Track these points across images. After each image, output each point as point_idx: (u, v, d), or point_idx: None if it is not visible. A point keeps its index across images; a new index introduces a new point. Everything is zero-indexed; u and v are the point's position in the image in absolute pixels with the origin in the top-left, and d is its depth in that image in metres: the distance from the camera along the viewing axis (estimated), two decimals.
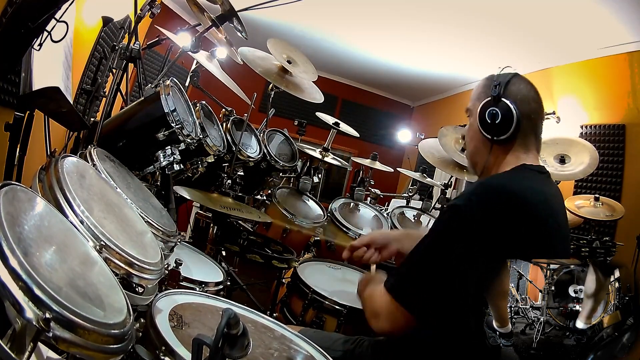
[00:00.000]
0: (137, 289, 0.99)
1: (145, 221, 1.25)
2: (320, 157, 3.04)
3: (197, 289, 1.56)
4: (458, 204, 1.11)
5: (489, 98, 1.23)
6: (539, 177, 1.22)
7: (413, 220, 3.04)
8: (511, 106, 1.19)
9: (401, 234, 1.55)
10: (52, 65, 1.57)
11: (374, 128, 7.31)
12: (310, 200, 2.94)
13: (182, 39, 2.24)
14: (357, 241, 1.54)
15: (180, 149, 1.73)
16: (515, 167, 1.21)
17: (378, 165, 3.43)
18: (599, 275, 2.87)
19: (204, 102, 2.24)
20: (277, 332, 1.24)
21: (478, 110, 1.25)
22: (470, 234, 1.07)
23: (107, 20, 2.16)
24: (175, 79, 1.88)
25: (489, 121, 1.22)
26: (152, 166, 1.70)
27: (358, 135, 3.70)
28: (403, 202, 3.47)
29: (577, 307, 3.07)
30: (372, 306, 1.19)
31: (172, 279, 1.36)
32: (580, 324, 2.93)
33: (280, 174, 2.89)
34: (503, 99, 1.21)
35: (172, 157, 1.69)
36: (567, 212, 3.01)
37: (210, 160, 2.05)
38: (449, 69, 5.72)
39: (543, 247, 1.17)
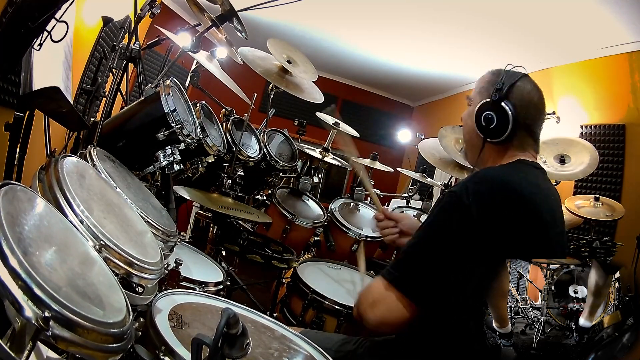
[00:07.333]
0: (136, 289, 0.99)
1: (145, 221, 1.25)
2: (320, 157, 3.04)
3: (197, 289, 1.56)
4: (454, 191, 1.12)
5: (489, 99, 1.23)
6: (535, 171, 1.23)
7: None
8: (509, 112, 1.18)
9: None
10: (52, 65, 1.57)
11: (374, 128, 7.30)
12: (310, 200, 2.94)
13: (182, 39, 2.24)
14: (389, 213, 1.55)
15: (180, 149, 1.73)
16: (511, 161, 1.22)
17: (378, 165, 3.43)
18: (600, 273, 2.87)
19: (204, 102, 2.24)
20: (277, 332, 1.24)
21: (476, 108, 1.25)
22: (465, 222, 1.07)
23: (107, 20, 2.16)
24: (175, 79, 1.88)
25: (484, 124, 1.22)
26: (152, 166, 1.70)
27: (358, 135, 3.70)
28: (403, 202, 3.47)
29: (577, 307, 3.07)
30: (369, 296, 1.16)
31: (172, 279, 1.36)
32: (583, 321, 2.93)
33: (280, 174, 2.89)
34: (502, 104, 1.19)
35: (172, 157, 1.69)
36: (567, 212, 3.04)
37: (210, 160, 2.05)
38: (449, 69, 5.72)
39: (539, 239, 1.17)
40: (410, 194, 3.66)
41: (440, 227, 1.12)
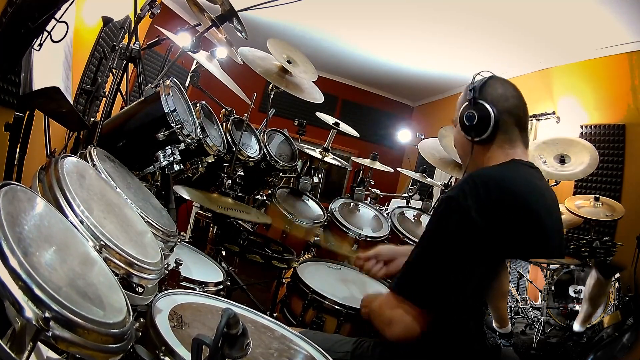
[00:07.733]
0: (137, 289, 0.99)
1: (145, 221, 1.25)
2: (320, 157, 3.04)
3: (197, 289, 1.56)
4: (451, 195, 1.14)
5: (466, 103, 1.28)
6: (529, 171, 1.25)
7: (413, 221, 3.04)
8: (487, 105, 1.23)
9: (408, 248, 1.58)
10: (52, 65, 1.57)
11: (374, 128, 7.31)
12: (310, 200, 2.94)
13: (182, 39, 2.24)
14: (364, 255, 1.59)
15: (180, 149, 1.73)
16: (505, 161, 1.24)
17: (378, 165, 3.43)
18: (599, 278, 2.86)
19: (204, 102, 2.24)
20: (277, 332, 1.24)
21: (458, 115, 1.30)
22: (465, 224, 1.08)
23: (107, 20, 2.16)
24: (175, 79, 1.88)
25: (467, 124, 1.26)
26: (152, 166, 1.70)
27: (358, 135, 3.70)
28: (403, 202, 3.46)
29: (577, 308, 3.06)
30: (383, 316, 1.19)
31: (172, 279, 1.35)
32: (576, 326, 2.93)
33: (280, 174, 2.89)
34: (479, 101, 1.25)
35: (172, 157, 1.69)
36: (567, 212, 3.03)
37: (210, 160, 2.05)
38: (449, 69, 5.72)
39: (536, 237, 1.18)
40: (410, 194, 3.66)
41: (441, 234, 1.12)
